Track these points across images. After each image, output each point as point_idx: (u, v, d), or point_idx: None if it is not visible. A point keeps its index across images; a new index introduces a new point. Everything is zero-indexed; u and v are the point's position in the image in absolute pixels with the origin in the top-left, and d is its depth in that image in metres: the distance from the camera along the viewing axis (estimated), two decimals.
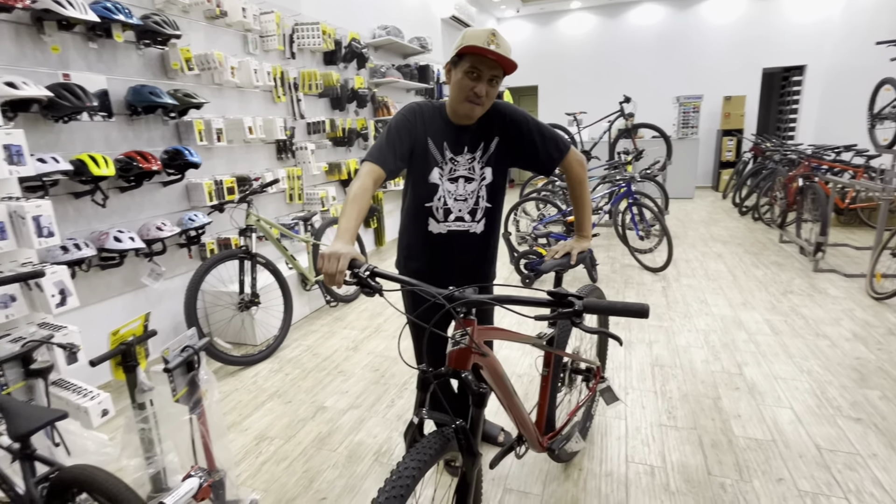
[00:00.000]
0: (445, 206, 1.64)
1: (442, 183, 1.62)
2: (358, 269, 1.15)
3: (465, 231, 1.67)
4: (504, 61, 1.42)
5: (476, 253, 1.73)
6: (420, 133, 1.58)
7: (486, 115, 1.57)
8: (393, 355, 3.05)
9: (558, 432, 1.78)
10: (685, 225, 6.49)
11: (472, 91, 1.46)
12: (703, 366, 2.77)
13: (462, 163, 1.61)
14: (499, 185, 1.68)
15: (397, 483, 0.99)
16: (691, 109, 8.65)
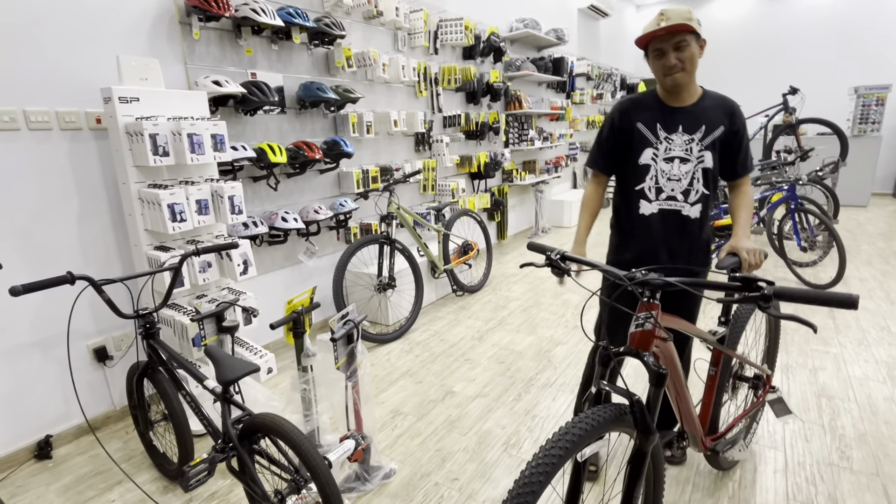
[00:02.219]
0: (657, 185, 1.72)
1: (656, 163, 1.71)
2: (550, 253, 1.35)
3: (678, 212, 1.72)
4: (675, 28, 1.52)
5: (690, 239, 1.75)
6: (627, 122, 1.73)
7: (713, 103, 1.68)
8: (518, 349, 3.06)
9: (722, 435, 1.73)
10: (857, 237, 5.55)
11: (664, 66, 1.60)
12: (886, 404, 2.35)
13: (678, 143, 1.69)
14: (716, 173, 1.72)
15: (566, 435, 1.05)
16: (874, 102, 7.33)
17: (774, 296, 1.04)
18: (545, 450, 1.03)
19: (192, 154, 2.10)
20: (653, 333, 1.23)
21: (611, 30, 8.49)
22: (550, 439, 1.05)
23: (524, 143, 5.65)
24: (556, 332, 3.29)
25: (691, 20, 1.53)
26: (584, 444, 1.08)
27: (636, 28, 9.75)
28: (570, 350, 3.03)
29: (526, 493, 0.97)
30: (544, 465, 1.01)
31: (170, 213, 2.05)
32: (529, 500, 0.97)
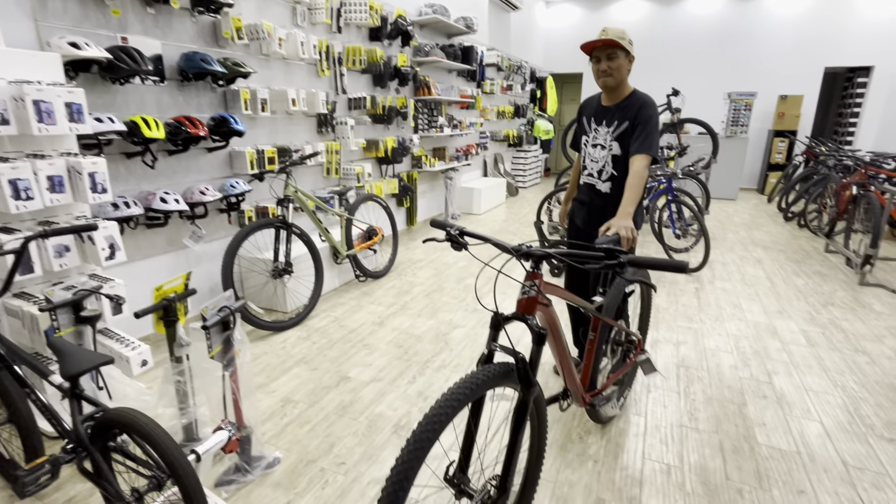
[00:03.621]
0: (585, 164, 2.29)
1: (586, 147, 2.27)
2: (450, 229, 1.47)
3: (593, 186, 2.27)
4: (608, 42, 1.96)
5: (601, 208, 2.26)
6: (580, 115, 2.33)
7: (630, 103, 2.08)
8: (417, 333, 3.10)
9: (599, 392, 1.95)
10: (725, 227, 6.28)
11: (597, 70, 2.06)
12: (731, 371, 2.71)
13: (601, 134, 2.19)
14: (625, 159, 2.14)
15: (463, 387, 1.19)
16: (743, 107, 8.28)
17: (628, 263, 1.24)
18: (442, 400, 1.16)
19: (40, 124, 1.86)
20: (536, 300, 1.37)
21: (521, 23, 8.75)
22: (447, 393, 1.17)
23: (434, 130, 5.68)
24: (455, 316, 3.38)
25: (623, 39, 1.97)
26: (477, 395, 1.21)
27: (545, 23, 10.13)
28: (468, 333, 3.13)
29: (424, 440, 1.10)
30: (442, 413, 1.14)
31: (11, 190, 1.81)
32: (427, 443, 1.10)
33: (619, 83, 2.07)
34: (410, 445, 1.10)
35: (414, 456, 1.09)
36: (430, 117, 5.67)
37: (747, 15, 8.69)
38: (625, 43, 1.97)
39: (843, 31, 8.24)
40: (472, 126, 6.76)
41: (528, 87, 9.28)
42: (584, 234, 2.38)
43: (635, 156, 2.01)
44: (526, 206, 7.40)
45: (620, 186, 2.16)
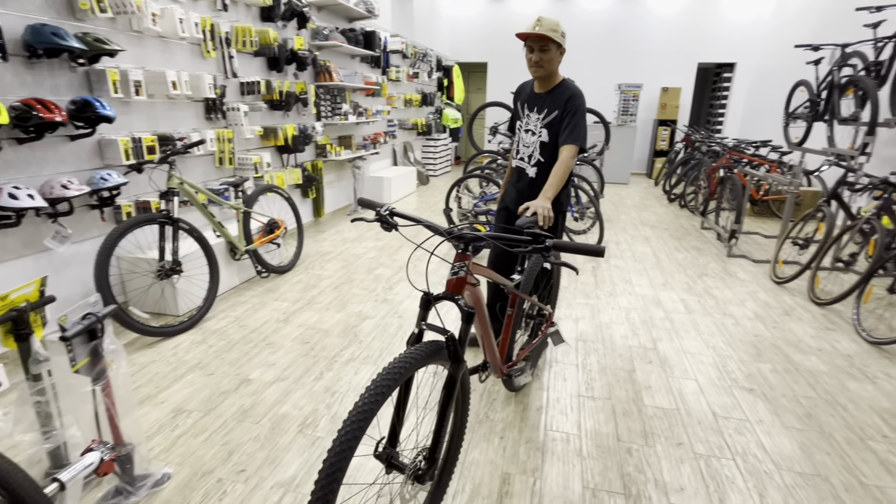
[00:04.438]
0: (517, 147, 2.39)
1: (520, 131, 2.37)
2: (380, 209, 1.46)
3: (523, 169, 2.38)
4: (541, 35, 2.04)
5: (529, 192, 2.34)
6: (516, 99, 2.42)
7: (560, 92, 2.19)
8: (325, 328, 3.01)
9: (515, 363, 2.10)
10: (618, 209, 6.79)
11: (530, 60, 2.14)
12: (622, 341, 2.94)
13: (532, 120, 2.29)
14: (552, 146, 2.25)
15: (395, 367, 1.21)
16: (631, 98, 8.96)
17: (553, 247, 1.35)
18: (377, 380, 1.18)
19: None
20: (465, 280, 1.43)
21: (425, 10, 8.71)
22: (382, 372, 1.20)
23: (338, 118, 5.50)
24: (365, 307, 3.32)
25: (556, 32, 2.05)
26: (409, 374, 1.24)
27: (450, 11, 10.19)
28: (377, 323, 3.08)
29: (360, 420, 1.11)
30: (376, 393, 1.15)
31: None
32: (363, 423, 1.12)
33: (549, 74, 2.18)
34: (345, 430, 1.10)
35: (349, 440, 1.09)
36: (333, 104, 5.47)
37: (632, 12, 9.38)
38: (556, 36, 2.05)
39: (712, 30, 9.19)
40: (378, 114, 6.64)
41: (435, 76, 9.30)
42: (514, 215, 2.47)
43: (564, 146, 2.12)
44: (437, 195, 7.45)
45: (546, 172, 2.25)
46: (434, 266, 4.24)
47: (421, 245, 1.40)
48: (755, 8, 8.90)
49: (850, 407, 2.33)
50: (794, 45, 5.96)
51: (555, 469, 1.88)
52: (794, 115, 5.43)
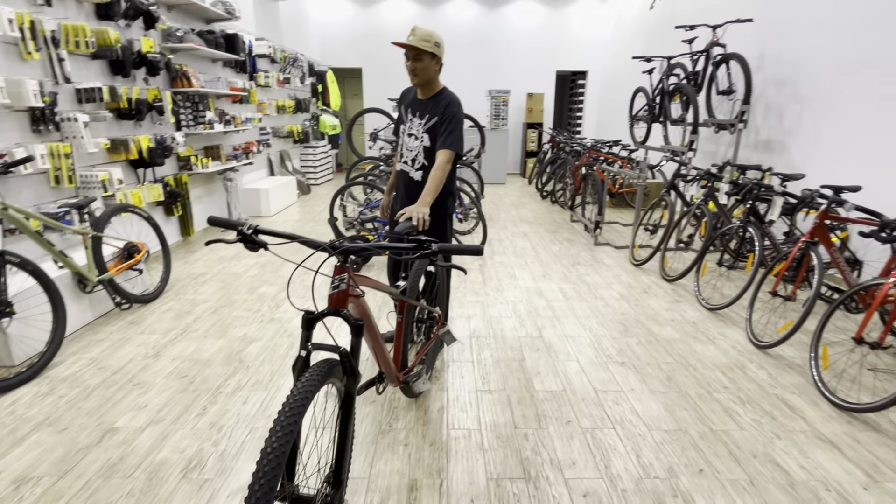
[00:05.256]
0: (402, 152, 2.46)
1: (403, 136, 2.44)
2: (242, 227, 1.34)
3: (407, 173, 2.46)
4: (413, 47, 2.15)
5: (414, 195, 2.41)
6: (400, 104, 2.49)
7: (440, 99, 2.29)
8: (205, 357, 2.74)
9: (411, 369, 2.09)
10: (498, 208, 7.18)
11: (407, 68, 2.24)
12: (512, 332, 3.11)
13: (415, 125, 2.37)
14: (434, 151, 2.31)
15: (297, 400, 1.15)
16: (501, 103, 9.53)
17: (439, 251, 1.37)
18: (279, 424, 1.11)
19: None
20: (347, 293, 1.38)
21: (291, 13, 8.38)
22: (279, 418, 1.12)
23: (201, 127, 5.05)
24: (249, 330, 3.09)
25: (427, 42, 2.15)
26: (311, 401, 1.18)
27: (318, 15, 9.92)
28: (265, 345, 2.89)
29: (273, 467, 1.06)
30: (284, 434, 1.09)
31: None
32: (277, 470, 1.06)
33: (427, 82, 2.27)
34: (259, 483, 1.05)
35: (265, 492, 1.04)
36: (195, 112, 5.02)
37: (496, 23, 9.99)
38: (428, 46, 2.15)
39: (565, 42, 10.14)
40: (249, 122, 6.23)
41: (308, 81, 9.00)
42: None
43: (440, 150, 2.22)
44: (320, 204, 7.21)
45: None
46: (323, 280, 4.10)
47: (302, 264, 1.35)
48: (599, 24, 10.02)
49: (699, 366, 2.73)
50: (631, 57, 6.82)
51: (459, 466, 1.93)
52: (637, 117, 6.21)
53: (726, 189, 3.80)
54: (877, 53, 3.73)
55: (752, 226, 3.34)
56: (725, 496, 1.80)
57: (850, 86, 3.97)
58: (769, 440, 2.12)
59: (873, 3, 3.77)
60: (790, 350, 2.92)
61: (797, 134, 4.50)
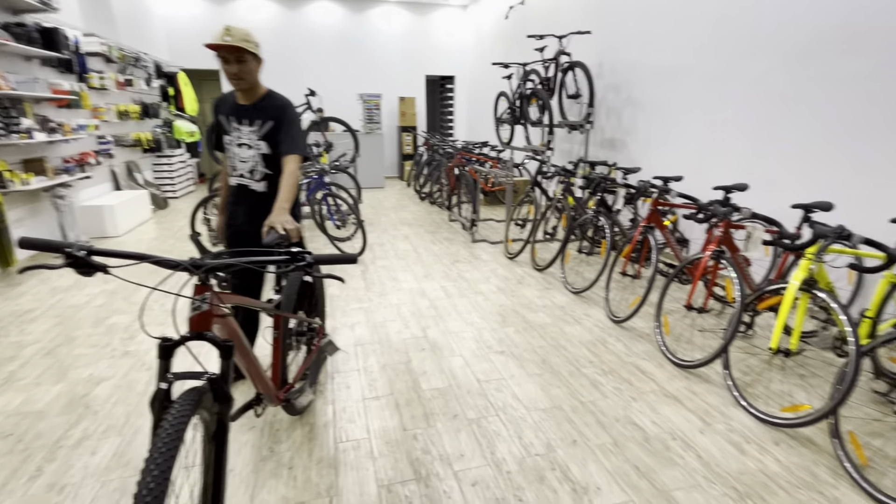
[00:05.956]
0: (233, 164, 2.23)
1: (231, 147, 2.21)
2: (71, 249, 1.15)
3: (247, 186, 2.24)
4: (234, 47, 1.95)
5: (260, 208, 2.21)
6: (216, 114, 2.24)
7: (270, 103, 2.14)
8: (37, 409, 2.32)
9: (291, 386, 2.00)
10: (378, 212, 7.14)
11: (228, 72, 2.02)
12: (397, 336, 3.12)
13: (245, 133, 2.16)
14: (275, 157, 2.18)
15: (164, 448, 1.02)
16: (373, 107, 9.50)
17: (315, 262, 1.33)
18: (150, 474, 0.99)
19: None
20: (211, 313, 1.28)
21: (129, 8, 7.45)
22: (148, 466, 1.00)
23: (16, 136, 4.27)
24: (97, 369, 2.68)
25: (248, 42, 1.97)
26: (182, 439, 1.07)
27: (163, 10, 8.96)
28: (118, 384, 2.54)
29: None
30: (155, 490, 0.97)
31: None
32: None
33: (253, 86, 2.11)
34: None
35: None
36: (6, 119, 4.22)
37: (362, 26, 9.92)
38: (251, 47, 1.98)
39: (432, 47, 10.43)
40: (82, 129, 5.41)
41: (157, 84, 8.08)
42: (250, 235, 2.31)
43: (287, 156, 2.09)
44: (181, 219, 6.52)
45: (276, 184, 2.19)
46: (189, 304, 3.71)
47: (158, 287, 1.21)
48: (462, 30, 10.48)
49: (568, 346, 2.99)
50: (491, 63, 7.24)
51: (349, 479, 1.88)
52: (501, 119, 6.61)
53: (580, 183, 4.21)
54: (690, 63, 4.42)
55: (602, 215, 3.75)
56: (595, 461, 1.99)
57: (670, 91, 4.65)
58: (627, 403, 2.39)
59: (686, 18, 4.45)
60: (640, 322, 3.34)
61: (634, 133, 5.16)
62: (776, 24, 3.57)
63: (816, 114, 3.33)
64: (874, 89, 2.97)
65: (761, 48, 3.69)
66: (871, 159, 3.01)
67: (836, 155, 3.21)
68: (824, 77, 3.26)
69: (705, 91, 4.23)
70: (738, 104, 3.91)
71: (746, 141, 3.87)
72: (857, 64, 3.06)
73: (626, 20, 5.20)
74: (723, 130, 4.08)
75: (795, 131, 3.48)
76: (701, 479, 1.89)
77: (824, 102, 3.27)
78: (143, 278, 4.03)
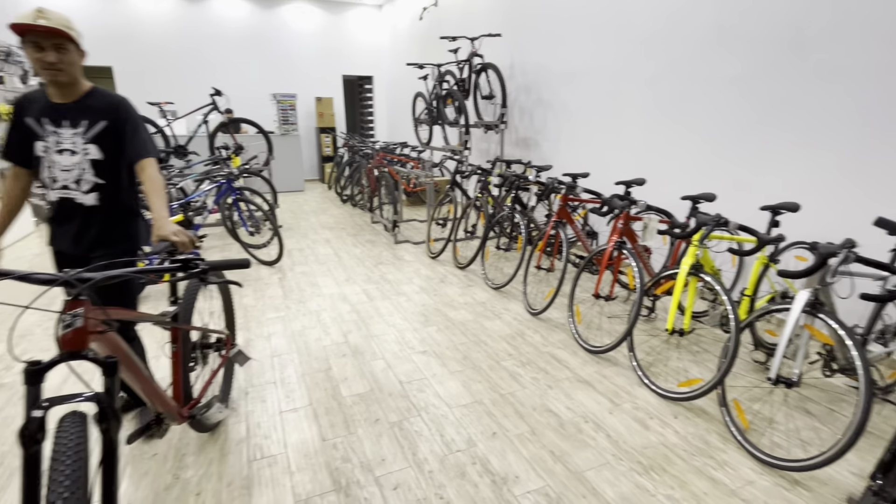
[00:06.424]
0: (52, 175, 1.82)
1: (48, 154, 1.80)
2: None
3: (72, 199, 1.85)
4: (54, 30, 1.63)
5: (91, 226, 1.89)
6: (20, 118, 1.81)
7: (99, 100, 1.82)
8: None
9: (198, 401, 1.90)
10: (297, 216, 6.89)
11: (42, 61, 1.66)
12: (317, 343, 3.02)
13: (67, 137, 1.79)
14: (110, 164, 1.86)
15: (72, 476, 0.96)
16: (288, 107, 9.15)
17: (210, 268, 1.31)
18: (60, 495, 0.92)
19: None
20: (86, 330, 1.20)
21: None
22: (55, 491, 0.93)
23: None
24: None
25: (71, 29, 1.68)
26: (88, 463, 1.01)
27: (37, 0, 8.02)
28: None
29: None
30: None
31: None
32: None
33: (74, 80, 1.77)
34: None
35: None
36: None
37: (272, 23, 9.51)
38: (74, 34, 1.69)
39: (347, 47, 10.23)
40: None
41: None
42: (80, 258, 1.92)
43: (144, 160, 1.85)
44: None
45: (111, 196, 1.89)
46: None
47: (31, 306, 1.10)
48: (378, 30, 10.38)
49: (489, 341, 3.06)
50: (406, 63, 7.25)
51: (264, 499, 1.79)
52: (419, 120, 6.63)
53: (496, 182, 4.33)
54: (591, 65, 4.68)
55: (517, 212, 3.87)
56: (514, 450, 2.05)
57: (575, 92, 4.90)
58: (544, 392, 2.49)
59: (587, 22, 4.71)
60: (556, 313, 3.49)
61: (545, 132, 5.39)
62: (665, 30, 3.89)
63: (702, 112, 3.66)
64: (746, 90, 3.32)
65: (653, 52, 4.00)
66: (748, 152, 3.37)
67: (719, 149, 3.55)
68: (706, 79, 3.59)
69: (606, 92, 4.51)
70: (635, 104, 4.21)
71: (644, 138, 4.17)
72: (731, 67, 3.40)
73: (533, 23, 5.42)
74: (623, 128, 4.37)
75: (684, 128, 3.81)
76: (610, 458, 2.00)
77: (708, 102, 3.61)
78: (19, 297, 3.59)
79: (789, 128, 3.09)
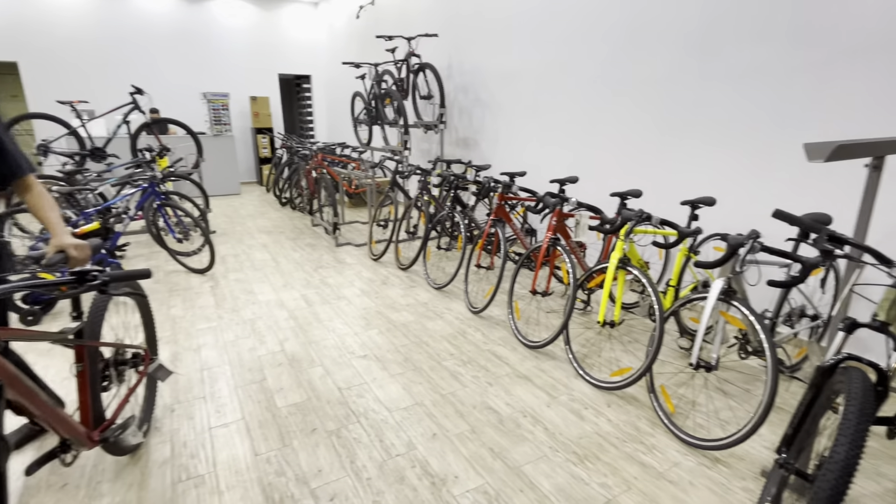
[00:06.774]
0: None
1: None
2: None
3: None
4: None
5: None
6: None
7: None
8: None
9: (111, 422, 1.77)
10: (233, 221, 6.59)
11: None
12: (250, 353, 2.89)
13: None
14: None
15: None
16: (221, 107, 8.74)
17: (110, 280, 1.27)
18: None
19: None
20: None
21: None
22: None
23: None
24: None
25: None
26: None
27: None
28: None
29: None
30: None
31: None
32: None
33: None
34: None
35: None
36: None
37: (200, 18, 9.03)
38: None
39: (282, 45, 9.90)
40: None
41: None
42: None
43: (27, 177, 1.66)
44: None
45: None
46: None
47: None
48: (314, 28, 10.11)
49: (430, 341, 3.05)
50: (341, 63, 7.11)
51: None
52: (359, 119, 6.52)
53: (435, 182, 4.33)
54: (523, 66, 4.78)
55: (458, 212, 3.89)
56: (454, 450, 2.05)
57: (510, 92, 4.99)
58: (484, 389, 2.51)
59: (515, 23, 4.80)
60: (496, 310, 3.53)
61: (484, 132, 5.45)
62: (584, 29, 4.03)
63: (626, 113, 3.83)
64: (663, 91, 3.51)
65: (581, 54, 4.14)
66: (669, 150, 3.56)
67: (645, 147, 3.73)
68: (628, 80, 3.76)
69: (540, 91, 4.63)
70: (567, 105, 4.35)
71: (576, 137, 4.31)
72: (649, 69, 3.58)
73: (468, 24, 5.47)
74: (557, 128, 4.50)
75: (612, 128, 3.97)
76: (547, 450, 2.05)
77: (631, 102, 3.78)
78: None
79: (701, 127, 3.29)
